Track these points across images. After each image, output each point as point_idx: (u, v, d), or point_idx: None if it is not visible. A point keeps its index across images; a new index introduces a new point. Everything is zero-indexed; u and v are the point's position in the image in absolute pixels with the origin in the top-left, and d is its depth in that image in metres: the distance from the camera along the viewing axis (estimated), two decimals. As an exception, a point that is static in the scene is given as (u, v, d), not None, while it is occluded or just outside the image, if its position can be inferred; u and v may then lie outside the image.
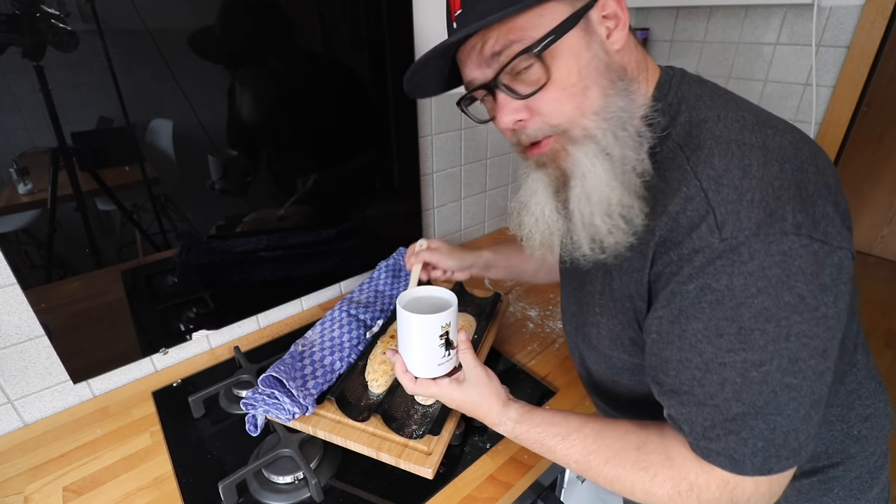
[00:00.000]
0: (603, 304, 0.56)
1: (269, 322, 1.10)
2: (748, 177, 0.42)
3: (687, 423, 0.48)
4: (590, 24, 0.47)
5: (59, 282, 0.81)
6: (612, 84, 0.48)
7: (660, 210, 0.46)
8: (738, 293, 0.42)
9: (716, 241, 0.42)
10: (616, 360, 0.60)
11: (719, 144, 0.44)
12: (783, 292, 0.41)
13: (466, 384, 0.64)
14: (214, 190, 0.91)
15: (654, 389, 0.51)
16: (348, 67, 1.02)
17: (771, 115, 0.49)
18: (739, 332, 0.42)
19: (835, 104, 1.28)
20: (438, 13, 1.13)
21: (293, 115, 0.96)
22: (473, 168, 1.40)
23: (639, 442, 0.53)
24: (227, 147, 0.90)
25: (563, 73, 0.47)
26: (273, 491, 0.69)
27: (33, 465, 0.76)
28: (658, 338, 0.48)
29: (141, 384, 0.92)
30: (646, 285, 0.49)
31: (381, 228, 1.21)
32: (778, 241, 0.40)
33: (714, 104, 0.48)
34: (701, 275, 0.43)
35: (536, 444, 0.59)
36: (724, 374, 0.44)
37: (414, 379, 0.66)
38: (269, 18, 0.88)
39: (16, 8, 0.66)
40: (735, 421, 0.45)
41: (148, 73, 0.78)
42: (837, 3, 1.21)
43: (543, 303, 1.13)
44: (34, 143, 0.73)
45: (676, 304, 0.45)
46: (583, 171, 0.48)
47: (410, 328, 0.64)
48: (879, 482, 0.61)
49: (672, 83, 0.51)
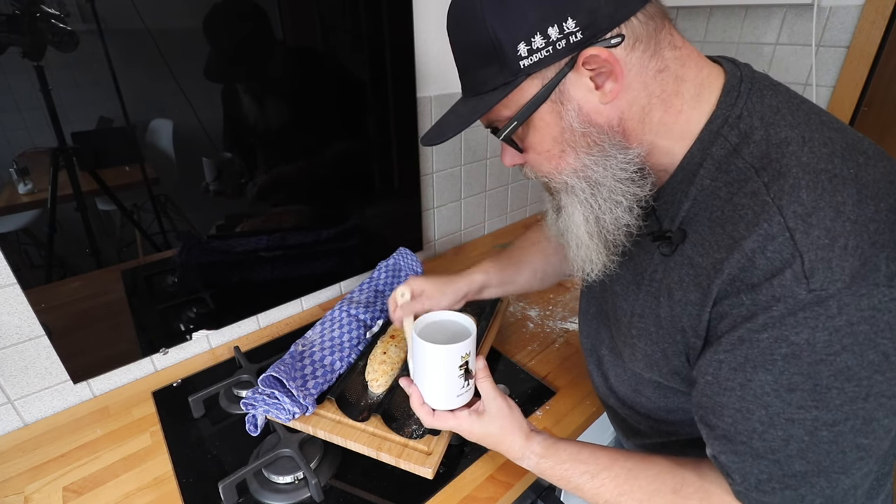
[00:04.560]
0: (643, 327, 0.53)
1: (269, 322, 1.10)
2: (841, 217, 0.37)
3: (739, 472, 0.45)
4: (564, 93, 0.45)
5: (59, 282, 0.81)
6: (591, 147, 0.47)
7: (727, 241, 0.42)
8: (820, 349, 0.38)
9: (802, 292, 0.37)
10: (644, 377, 0.58)
11: (807, 175, 0.39)
12: (868, 351, 0.37)
13: (487, 416, 0.61)
14: (209, 192, 0.92)
15: (702, 429, 0.49)
16: (348, 68, 1.02)
17: (857, 134, 0.44)
18: (815, 390, 0.39)
19: (835, 104, 1.28)
20: (438, 13, 1.13)
21: (291, 116, 0.96)
22: (473, 168, 1.40)
23: (675, 485, 0.50)
24: (223, 148, 0.90)
25: (536, 140, 0.49)
26: (273, 491, 0.69)
27: (33, 465, 0.76)
28: (714, 381, 0.45)
29: (141, 384, 0.92)
30: (704, 322, 0.45)
31: (381, 228, 1.21)
32: (869, 295, 0.36)
33: (795, 120, 0.43)
34: (779, 325, 0.39)
35: (563, 482, 0.57)
36: (790, 431, 0.41)
37: (431, 411, 0.63)
38: (254, 22, 0.87)
39: (16, 8, 0.66)
40: (795, 477, 0.42)
41: (148, 73, 0.78)
42: (837, 3, 1.21)
43: (543, 303, 1.13)
44: (34, 143, 0.73)
45: (743, 351, 0.41)
46: (565, 209, 0.52)
47: (428, 359, 0.61)
48: (885, 489, 0.60)
49: (741, 90, 0.45)
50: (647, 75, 0.45)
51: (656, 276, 0.50)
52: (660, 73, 0.45)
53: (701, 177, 0.45)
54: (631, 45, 0.43)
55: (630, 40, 0.43)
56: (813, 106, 0.45)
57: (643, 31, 0.43)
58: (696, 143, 0.46)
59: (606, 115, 0.46)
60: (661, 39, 0.45)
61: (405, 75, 1.12)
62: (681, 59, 0.46)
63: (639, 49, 0.44)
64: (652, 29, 0.44)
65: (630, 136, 0.47)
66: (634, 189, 0.48)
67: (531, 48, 0.43)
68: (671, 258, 0.48)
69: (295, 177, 1.02)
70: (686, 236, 0.47)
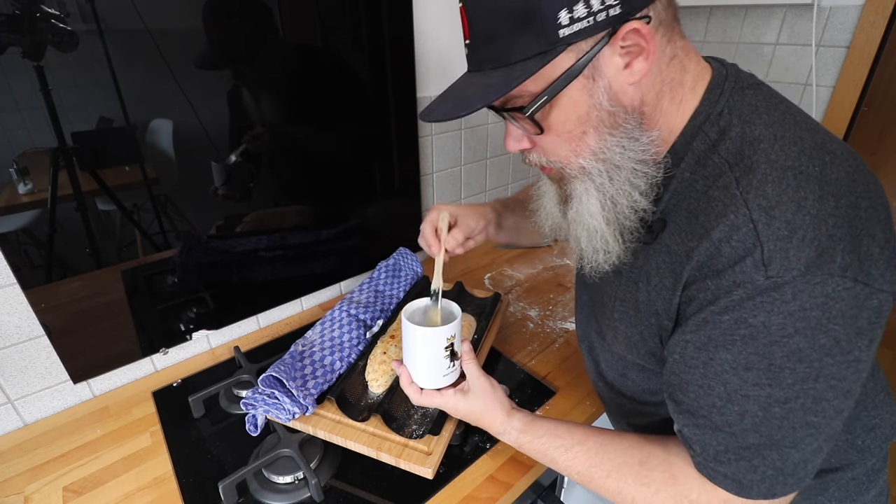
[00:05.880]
0: (623, 311, 0.55)
1: (269, 322, 1.10)
2: (802, 211, 0.40)
3: (699, 443, 0.48)
4: (598, 68, 0.43)
5: (59, 282, 0.81)
6: (615, 127, 0.46)
7: (699, 230, 0.44)
8: (774, 331, 0.41)
9: (760, 278, 0.40)
10: (628, 360, 0.61)
11: (774, 171, 0.41)
12: (820, 335, 0.40)
13: (471, 394, 0.65)
14: (217, 196, 0.92)
15: (670, 405, 0.52)
16: (348, 68, 1.02)
17: (829, 134, 0.46)
18: (769, 369, 0.42)
19: (835, 104, 1.28)
20: (438, 13, 1.13)
21: (293, 117, 0.96)
22: (473, 168, 1.40)
23: (642, 457, 0.53)
24: (228, 148, 0.90)
25: (559, 120, 0.47)
26: (273, 491, 0.69)
27: (33, 465, 0.76)
28: (680, 359, 0.48)
29: (141, 384, 0.92)
30: (675, 306, 0.48)
31: (381, 228, 1.21)
32: (823, 283, 0.39)
33: (770, 119, 0.45)
34: (738, 308, 0.42)
35: (539, 455, 0.60)
36: (745, 406, 0.44)
37: (419, 390, 0.67)
38: (254, 17, 0.87)
39: (16, 8, 0.66)
40: (749, 449, 0.45)
41: (148, 73, 0.78)
42: (837, 3, 1.21)
43: (543, 303, 1.13)
44: (34, 143, 0.73)
45: (706, 331, 0.44)
46: (579, 198, 0.51)
47: (416, 341, 0.64)
48: (877, 485, 0.60)
49: (725, 88, 0.47)
50: (663, 61, 0.46)
51: (637, 263, 0.52)
52: (672, 60, 0.46)
53: (682, 169, 0.47)
54: (655, 27, 0.43)
55: (655, 22, 0.43)
56: (791, 106, 0.47)
57: (665, 15, 0.44)
58: (680, 136, 0.48)
59: (631, 95, 0.46)
60: (674, 28, 0.46)
61: (405, 75, 1.12)
62: (685, 50, 0.47)
63: (660, 33, 0.44)
64: (671, 15, 0.45)
65: (647, 119, 0.47)
66: (652, 171, 0.48)
67: (573, 17, 0.40)
68: (651, 246, 0.50)
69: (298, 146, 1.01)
70: (666, 225, 0.49)
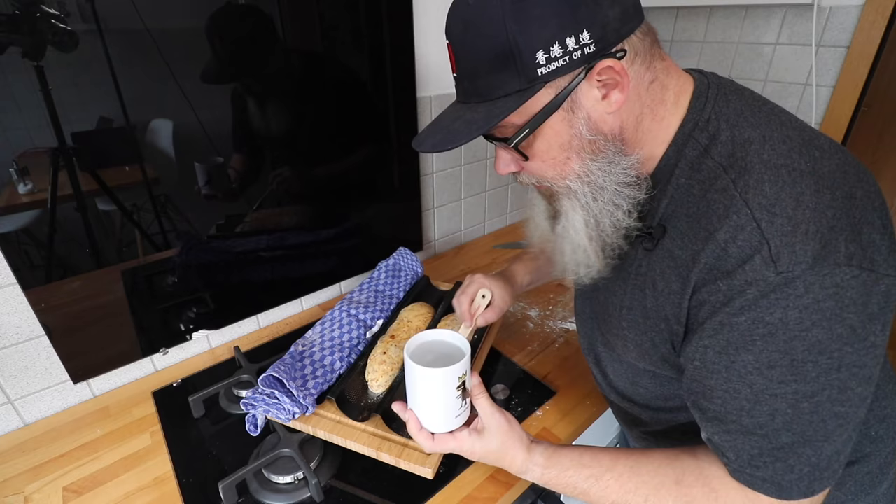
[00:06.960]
0: (632, 319, 0.55)
1: (269, 322, 1.10)
2: (801, 206, 0.41)
3: (732, 450, 0.48)
4: (576, 101, 0.47)
5: (59, 282, 0.81)
6: (596, 153, 0.49)
7: (702, 233, 0.46)
8: (792, 326, 0.41)
9: (771, 275, 0.41)
10: (638, 368, 0.61)
11: (769, 170, 0.43)
12: (836, 324, 0.41)
13: (487, 433, 0.61)
14: (201, 196, 0.92)
15: (695, 414, 0.51)
16: (349, 68, 1.02)
17: (815, 131, 0.48)
18: (792, 365, 0.42)
19: (835, 104, 1.28)
20: (438, 14, 1.13)
21: (294, 117, 0.96)
22: (473, 168, 1.40)
23: (676, 475, 0.52)
24: (230, 148, 0.90)
25: (542, 149, 0.50)
26: (273, 491, 0.69)
27: (33, 465, 0.76)
28: (702, 366, 0.48)
29: (141, 384, 0.92)
30: (685, 310, 0.48)
31: (381, 228, 1.21)
32: (832, 274, 0.40)
33: (757, 121, 0.47)
34: (754, 308, 0.42)
35: (569, 489, 0.57)
36: (774, 405, 0.44)
37: (431, 436, 0.62)
38: (256, 24, 0.87)
39: (16, 8, 0.66)
40: (783, 449, 0.45)
41: (148, 73, 0.78)
42: (837, 3, 1.21)
43: (543, 303, 1.13)
44: (34, 143, 0.73)
45: (725, 335, 0.45)
46: (566, 214, 0.53)
47: (425, 383, 0.59)
48: (888, 478, 0.61)
49: (709, 95, 0.49)
50: (642, 87, 0.49)
51: (641, 270, 0.53)
52: (651, 84, 0.49)
53: (677, 176, 0.49)
54: (632, 59, 0.47)
55: (631, 54, 0.47)
56: (774, 107, 0.49)
57: (641, 46, 0.47)
58: (671, 145, 0.50)
59: (610, 123, 0.49)
60: (653, 53, 0.49)
61: (405, 75, 1.12)
62: (666, 69, 0.50)
63: (637, 63, 0.47)
64: (647, 44, 0.48)
65: (628, 144, 0.50)
66: (634, 193, 0.50)
67: (549, 56, 0.44)
68: (653, 252, 0.51)
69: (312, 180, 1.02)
70: (666, 231, 0.50)
